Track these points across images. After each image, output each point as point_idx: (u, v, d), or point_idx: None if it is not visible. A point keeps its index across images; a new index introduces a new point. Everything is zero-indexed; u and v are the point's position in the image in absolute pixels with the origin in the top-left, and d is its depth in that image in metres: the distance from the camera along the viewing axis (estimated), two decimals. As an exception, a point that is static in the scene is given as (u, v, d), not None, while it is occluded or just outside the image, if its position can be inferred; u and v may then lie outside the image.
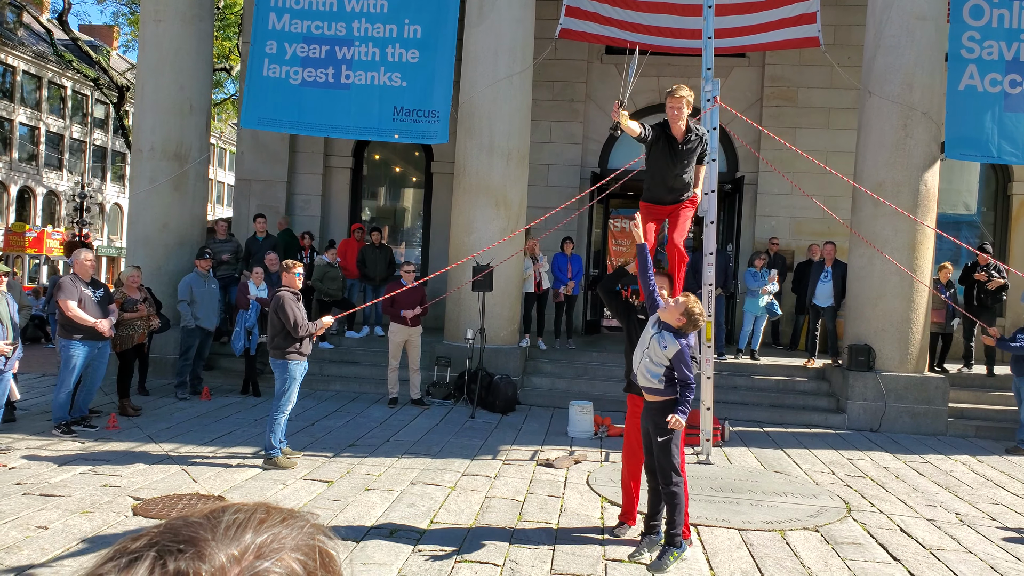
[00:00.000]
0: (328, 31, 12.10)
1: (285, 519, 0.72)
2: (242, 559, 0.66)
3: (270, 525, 0.70)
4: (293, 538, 0.70)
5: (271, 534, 0.69)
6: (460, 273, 10.77)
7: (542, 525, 5.93)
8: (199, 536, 0.67)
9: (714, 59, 8.35)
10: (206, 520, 0.69)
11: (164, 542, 0.66)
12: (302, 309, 7.39)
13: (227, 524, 0.69)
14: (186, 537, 0.66)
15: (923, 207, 10.43)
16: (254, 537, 0.68)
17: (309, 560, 0.69)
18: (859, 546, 5.74)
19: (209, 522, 0.69)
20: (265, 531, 0.69)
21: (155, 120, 12.28)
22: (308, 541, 0.71)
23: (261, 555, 0.66)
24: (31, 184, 42.49)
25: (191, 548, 0.65)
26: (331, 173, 15.73)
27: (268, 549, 0.67)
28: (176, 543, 0.66)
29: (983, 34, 11.22)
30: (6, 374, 7.23)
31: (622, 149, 15.16)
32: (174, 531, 0.67)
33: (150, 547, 0.65)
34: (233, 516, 0.70)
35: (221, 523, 0.69)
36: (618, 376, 11.53)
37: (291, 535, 0.70)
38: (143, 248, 12.21)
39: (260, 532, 0.69)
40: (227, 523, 0.69)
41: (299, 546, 0.69)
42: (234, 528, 0.68)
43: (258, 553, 0.67)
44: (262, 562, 0.66)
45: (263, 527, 0.69)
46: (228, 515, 0.70)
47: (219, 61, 27.98)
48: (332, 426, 9.11)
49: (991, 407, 10.88)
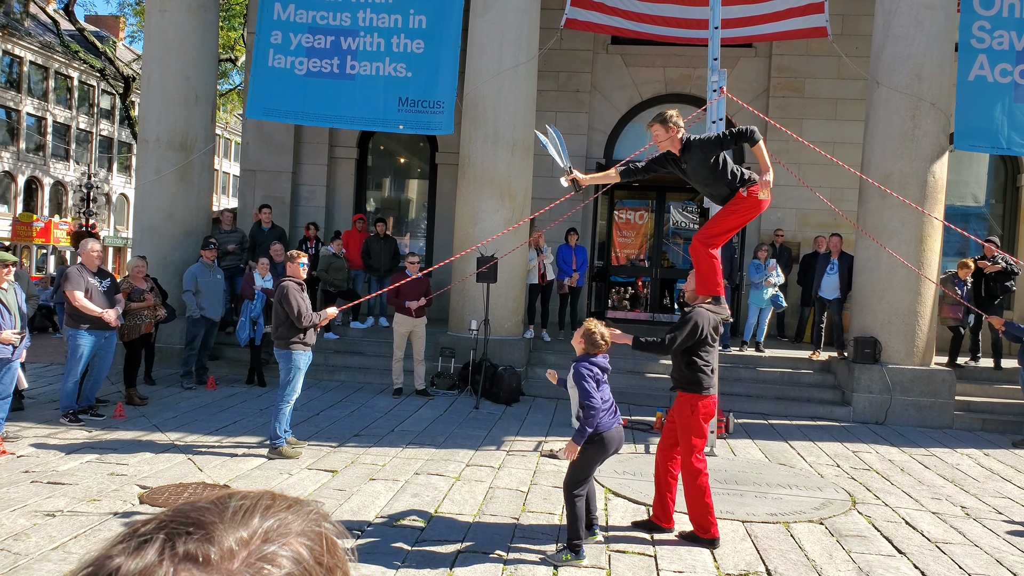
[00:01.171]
0: (333, 21, 12.08)
1: (291, 506, 0.73)
2: (250, 543, 0.66)
3: (276, 511, 0.71)
4: (299, 524, 0.71)
5: (278, 519, 0.70)
6: (464, 264, 10.76)
7: (546, 515, 5.93)
8: (207, 520, 0.68)
9: (720, 49, 8.31)
10: (213, 505, 0.70)
11: (173, 525, 0.67)
12: (306, 299, 7.39)
13: (234, 509, 0.70)
14: (195, 521, 0.67)
15: (931, 199, 10.38)
16: (261, 522, 0.69)
17: (315, 546, 0.70)
18: (864, 539, 5.73)
19: (217, 507, 0.70)
20: (272, 516, 0.70)
21: (161, 110, 12.29)
22: (314, 527, 0.71)
23: (268, 539, 0.67)
24: (38, 174, 42.59)
25: (200, 531, 0.66)
26: (336, 164, 15.72)
27: (275, 533, 0.68)
28: (185, 526, 0.66)
29: (993, 24, 11.12)
30: (14, 363, 7.25)
31: (628, 140, 15.11)
32: (183, 515, 0.68)
33: (159, 530, 0.66)
34: (240, 502, 0.71)
35: (228, 508, 0.70)
36: (622, 368, 11.55)
37: (297, 521, 0.71)
38: (149, 238, 12.24)
39: (267, 517, 0.69)
40: (234, 508, 0.70)
41: (305, 532, 0.70)
42: (241, 513, 0.69)
43: (265, 537, 0.67)
44: (269, 546, 0.67)
45: (270, 513, 0.70)
46: (235, 501, 0.71)
47: (224, 51, 27.96)
48: (337, 416, 9.13)
49: (998, 400, 10.84)
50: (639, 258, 17.73)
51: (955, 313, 11.24)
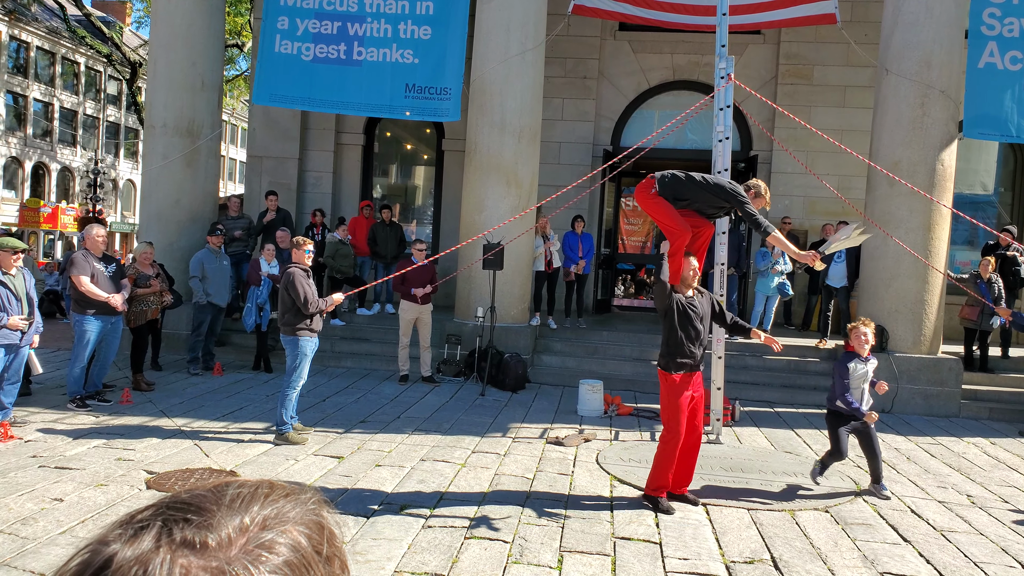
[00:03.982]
0: (340, 7, 12.04)
1: (289, 494, 0.73)
2: (248, 530, 0.66)
3: (275, 499, 0.71)
4: (297, 512, 0.70)
5: (276, 508, 0.70)
6: (471, 251, 10.75)
7: (551, 503, 5.95)
8: (205, 507, 0.67)
9: (728, 36, 8.24)
10: (211, 493, 0.70)
11: (171, 512, 0.66)
12: (312, 286, 7.40)
13: (232, 497, 0.69)
14: (193, 508, 0.67)
15: (939, 187, 10.32)
16: (259, 510, 0.69)
17: (314, 534, 0.70)
18: (869, 527, 5.73)
19: (215, 495, 0.70)
20: (270, 505, 0.70)
21: (167, 96, 12.28)
22: (312, 516, 0.71)
23: (266, 527, 0.67)
24: (45, 160, 42.66)
25: (197, 518, 0.66)
26: (342, 150, 15.71)
27: (273, 521, 0.68)
28: (183, 513, 0.66)
29: (1004, 11, 11.02)
30: (23, 349, 7.28)
31: (635, 127, 15.06)
32: (181, 502, 0.68)
33: (156, 517, 0.66)
34: (238, 490, 0.71)
35: (226, 496, 0.69)
36: (628, 355, 11.56)
37: (295, 509, 0.71)
38: (156, 224, 12.26)
39: (265, 505, 0.69)
40: (232, 496, 0.70)
41: (304, 520, 0.70)
42: (239, 501, 0.69)
43: (263, 525, 0.67)
44: (267, 533, 0.67)
45: (268, 501, 0.70)
46: (233, 489, 0.71)
47: (231, 37, 27.89)
48: (343, 402, 9.16)
49: (1005, 389, 10.81)
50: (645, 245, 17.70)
51: (972, 315, 11.04)
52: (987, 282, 10.74)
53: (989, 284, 10.75)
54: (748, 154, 14.62)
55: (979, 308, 10.71)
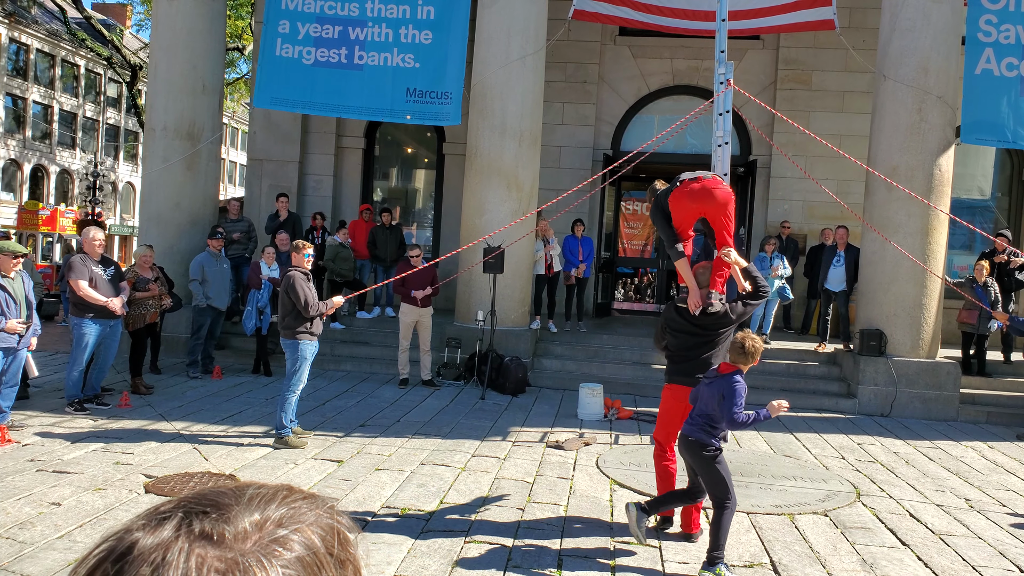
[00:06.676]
0: (341, 11, 12.06)
1: (307, 498, 0.76)
2: (264, 526, 0.69)
3: (292, 501, 0.74)
4: (313, 515, 0.73)
5: (293, 508, 0.73)
6: (471, 254, 10.77)
7: (551, 507, 5.96)
8: (225, 503, 0.71)
9: (728, 41, 8.25)
10: (232, 491, 0.74)
11: (192, 506, 0.70)
12: (312, 289, 7.40)
13: (251, 496, 0.73)
14: (213, 503, 0.71)
15: (937, 192, 10.35)
16: (277, 509, 0.72)
17: (328, 536, 0.73)
18: (868, 531, 5.74)
19: (235, 493, 0.73)
20: (287, 505, 0.73)
21: (168, 99, 12.29)
22: (327, 520, 0.74)
23: (282, 524, 0.70)
24: (44, 162, 42.65)
25: (216, 512, 0.69)
26: (343, 153, 15.73)
27: (289, 520, 0.71)
28: (203, 507, 0.70)
29: (1000, 17, 11.06)
30: (20, 352, 7.29)
31: (635, 131, 15.09)
32: (202, 497, 0.72)
33: (178, 509, 0.70)
34: (257, 491, 0.74)
35: (246, 495, 0.73)
36: (628, 359, 11.57)
37: (312, 512, 0.74)
38: (156, 227, 12.26)
39: (282, 506, 0.73)
40: (251, 495, 0.73)
41: (319, 523, 0.73)
42: (258, 499, 0.72)
43: (279, 522, 0.70)
44: (283, 530, 0.70)
45: (286, 502, 0.73)
46: (252, 489, 0.75)
47: (232, 40, 27.92)
48: (343, 406, 9.16)
49: (1003, 393, 10.83)
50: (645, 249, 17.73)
51: (970, 319, 11.06)
52: (983, 286, 10.77)
53: (985, 288, 10.77)
54: (747, 159, 14.66)
55: (977, 312, 10.72)
